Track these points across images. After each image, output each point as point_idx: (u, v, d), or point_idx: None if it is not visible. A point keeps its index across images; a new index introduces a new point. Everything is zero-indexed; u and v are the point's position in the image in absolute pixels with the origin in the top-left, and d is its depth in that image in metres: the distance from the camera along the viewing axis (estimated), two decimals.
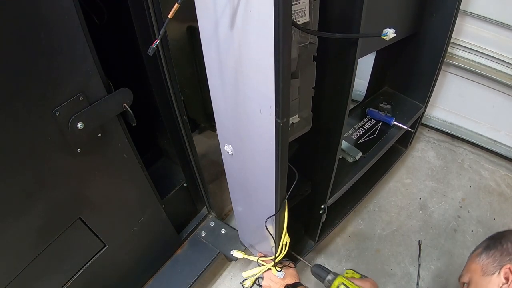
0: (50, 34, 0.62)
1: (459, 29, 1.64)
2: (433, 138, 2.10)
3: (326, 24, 0.78)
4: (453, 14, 1.27)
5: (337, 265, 1.52)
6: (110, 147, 0.85)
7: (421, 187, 1.84)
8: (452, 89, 1.90)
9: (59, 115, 0.68)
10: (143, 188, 1.04)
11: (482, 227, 1.64)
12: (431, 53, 1.42)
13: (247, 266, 1.49)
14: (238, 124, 0.83)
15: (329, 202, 1.20)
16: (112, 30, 0.96)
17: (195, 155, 1.22)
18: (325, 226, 1.39)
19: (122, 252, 1.08)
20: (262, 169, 0.84)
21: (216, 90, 0.84)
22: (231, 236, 1.39)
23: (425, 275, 1.48)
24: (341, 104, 0.89)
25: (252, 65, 0.66)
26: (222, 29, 0.67)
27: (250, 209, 1.10)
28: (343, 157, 1.35)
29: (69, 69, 0.68)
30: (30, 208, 0.74)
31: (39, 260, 0.81)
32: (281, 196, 0.87)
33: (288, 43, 0.56)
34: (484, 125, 1.94)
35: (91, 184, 0.86)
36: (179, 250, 1.36)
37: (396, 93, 1.68)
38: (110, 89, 0.78)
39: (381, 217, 1.71)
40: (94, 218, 0.91)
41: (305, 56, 0.80)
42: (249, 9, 0.57)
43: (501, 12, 1.52)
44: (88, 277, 0.97)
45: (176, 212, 1.30)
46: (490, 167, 1.92)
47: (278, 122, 0.67)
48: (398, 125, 1.49)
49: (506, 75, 1.68)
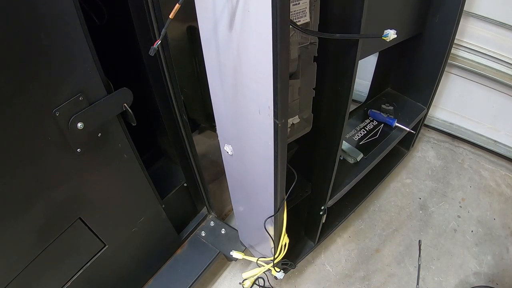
0: (50, 34, 0.62)
1: (462, 30, 1.64)
2: (433, 138, 2.09)
3: (327, 24, 0.77)
4: (457, 15, 1.26)
5: (337, 265, 1.52)
6: (110, 147, 0.85)
7: (421, 187, 1.84)
8: (453, 89, 1.90)
9: (59, 115, 0.69)
10: (143, 188, 1.04)
11: (482, 227, 1.64)
12: (434, 54, 1.42)
13: (247, 266, 1.49)
14: (238, 125, 0.83)
15: (329, 203, 1.20)
16: (112, 30, 0.96)
17: (195, 155, 1.22)
18: (325, 227, 1.39)
19: (122, 252, 1.08)
20: (261, 169, 0.84)
21: (216, 90, 0.84)
22: (231, 236, 1.39)
23: (425, 275, 1.48)
24: (342, 105, 0.89)
25: (250, 66, 0.65)
26: (221, 29, 0.67)
27: (250, 209, 1.10)
28: (344, 158, 1.35)
29: (69, 69, 0.68)
30: (30, 208, 0.74)
31: (39, 260, 0.81)
32: (280, 197, 0.87)
33: (286, 43, 0.56)
34: (484, 125, 1.94)
35: (91, 184, 0.86)
36: (179, 250, 1.36)
37: (398, 95, 1.68)
38: (110, 89, 0.78)
39: (381, 217, 1.71)
40: (94, 218, 0.91)
41: (305, 56, 0.80)
42: (247, 9, 0.57)
43: (504, 13, 1.52)
44: (88, 277, 0.97)
45: (176, 212, 1.30)
46: (490, 167, 1.92)
47: (276, 123, 0.67)
48: (400, 127, 1.49)
49: (507, 75, 1.68)
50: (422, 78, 1.54)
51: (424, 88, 1.55)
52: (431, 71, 1.47)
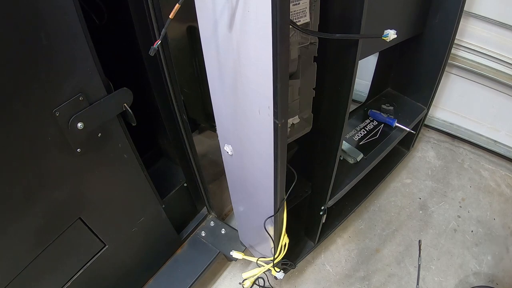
0: (50, 34, 0.62)
1: (462, 30, 1.64)
2: (433, 138, 2.09)
3: (327, 24, 0.77)
4: (457, 15, 1.26)
5: (337, 265, 1.52)
6: (110, 147, 0.85)
7: (421, 187, 1.84)
8: (453, 89, 1.90)
9: (59, 115, 0.69)
10: (143, 188, 1.04)
11: (482, 227, 1.64)
12: (435, 54, 1.41)
13: (247, 266, 1.49)
14: (237, 125, 0.83)
15: (329, 203, 1.20)
16: (112, 30, 0.96)
17: (195, 155, 1.22)
18: (325, 227, 1.39)
19: (122, 252, 1.08)
20: (260, 169, 0.84)
21: (216, 90, 0.84)
22: (231, 236, 1.39)
23: (425, 275, 1.48)
24: (342, 105, 0.89)
25: (250, 66, 0.65)
26: (221, 29, 0.67)
27: (250, 209, 1.10)
28: (344, 158, 1.35)
29: (69, 69, 0.68)
30: (30, 208, 0.74)
31: (39, 260, 0.81)
32: (280, 197, 0.87)
33: (286, 43, 0.56)
34: (484, 125, 1.94)
35: (91, 184, 0.86)
36: (179, 250, 1.36)
37: (399, 95, 1.68)
38: (110, 89, 0.78)
39: (381, 217, 1.71)
40: (94, 218, 0.91)
41: (305, 56, 0.80)
42: (247, 9, 0.57)
43: (504, 13, 1.52)
44: (88, 277, 0.97)
45: (176, 212, 1.30)
46: (490, 167, 1.92)
47: (276, 123, 0.67)
48: (400, 127, 1.49)
49: (507, 75, 1.67)
50: (422, 78, 1.54)
51: (424, 88, 1.55)
52: (431, 71, 1.47)
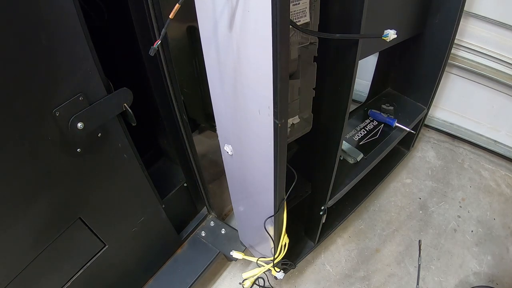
0: (50, 34, 0.62)
1: (462, 30, 1.64)
2: (433, 138, 2.09)
3: (327, 24, 0.77)
4: (457, 15, 1.26)
5: (337, 265, 1.52)
6: (110, 147, 0.85)
7: (421, 187, 1.84)
8: (453, 89, 1.90)
9: (59, 115, 0.69)
10: (143, 188, 1.04)
11: (482, 227, 1.64)
12: (435, 54, 1.42)
13: (247, 266, 1.49)
14: (237, 125, 0.83)
15: (329, 203, 1.20)
16: (112, 30, 0.96)
17: (195, 155, 1.22)
18: (325, 227, 1.39)
19: (122, 252, 1.08)
20: (260, 169, 0.84)
21: (216, 90, 0.84)
22: (231, 236, 1.39)
23: (425, 275, 1.48)
24: (342, 105, 0.89)
25: (250, 66, 0.65)
26: (221, 29, 0.67)
27: (250, 209, 1.10)
28: (344, 158, 1.35)
29: (69, 69, 0.68)
30: (30, 208, 0.74)
31: (39, 260, 0.81)
32: (279, 197, 0.87)
33: (286, 43, 0.56)
34: (484, 125, 1.93)
35: (91, 184, 0.86)
36: (179, 250, 1.36)
37: (398, 95, 1.68)
38: (110, 89, 0.78)
39: (381, 217, 1.71)
40: (94, 218, 0.91)
41: (305, 56, 0.80)
42: (247, 9, 0.57)
43: (504, 13, 1.52)
44: (88, 277, 0.97)
45: (176, 212, 1.30)
46: (490, 167, 1.92)
47: (276, 123, 0.67)
48: (400, 127, 1.49)
49: (507, 75, 1.67)
50: (422, 78, 1.54)
51: (424, 88, 1.55)
52: (431, 71, 1.47)
